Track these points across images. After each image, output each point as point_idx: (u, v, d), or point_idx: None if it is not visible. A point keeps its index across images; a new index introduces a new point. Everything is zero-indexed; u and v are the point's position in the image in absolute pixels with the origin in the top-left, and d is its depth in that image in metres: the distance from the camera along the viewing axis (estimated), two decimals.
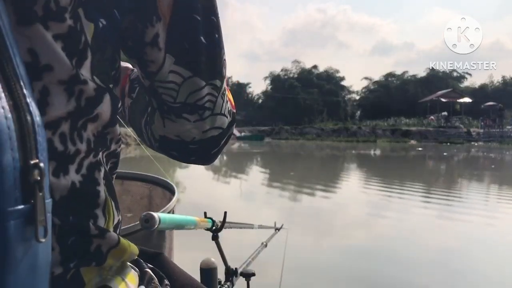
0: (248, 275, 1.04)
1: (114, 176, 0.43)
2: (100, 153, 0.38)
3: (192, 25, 0.43)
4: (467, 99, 30.50)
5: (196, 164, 0.55)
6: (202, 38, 0.44)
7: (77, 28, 0.33)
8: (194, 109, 0.47)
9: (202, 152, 0.52)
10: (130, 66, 0.61)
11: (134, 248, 0.41)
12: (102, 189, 0.37)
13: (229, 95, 0.52)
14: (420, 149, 19.38)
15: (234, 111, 0.54)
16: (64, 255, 0.33)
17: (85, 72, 0.35)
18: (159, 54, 0.43)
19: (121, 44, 0.43)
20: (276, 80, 43.22)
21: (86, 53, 0.35)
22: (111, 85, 0.39)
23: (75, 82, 0.33)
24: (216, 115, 0.49)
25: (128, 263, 0.43)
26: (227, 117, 0.51)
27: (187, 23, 0.42)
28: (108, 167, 0.40)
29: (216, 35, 0.45)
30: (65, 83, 0.33)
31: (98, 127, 0.37)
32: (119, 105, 0.41)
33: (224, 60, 0.48)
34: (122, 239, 0.38)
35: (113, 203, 0.39)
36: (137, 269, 0.44)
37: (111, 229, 0.38)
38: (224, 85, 0.49)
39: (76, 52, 0.34)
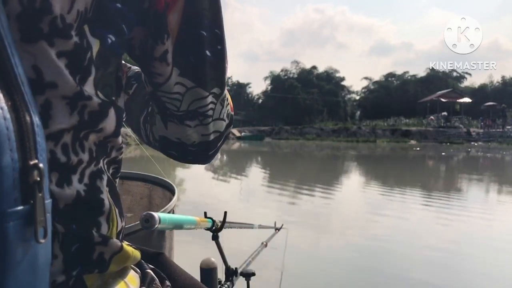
0: (248, 275, 1.04)
1: (117, 180, 0.42)
2: (101, 161, 0.38)
3: (199, 41, 0.44)
4: (467, 99, 30.44)
5: (193, 163, 0.57)
6: (207, 52, 0.45)
7: (83, 45, 0.33)
8: (195, 115, 0.48)
9: (200, 153, 0.53)
10: (127, 64, 0.61)
11: (137, 254, 0.40)
12: (105, 197, 0.37)
13: (228, 98, 0.53)
14: (418, 149, 19.38)
15: (233, 113, 0.55)
16: (67, 263, 0.33)
17: (89, 88, 0.34)
18: (167, 68, 0.44)
19: (127, 52, 0.44)
20: (276, 80, 43.18)
21: (90, 69, 0.34)
22: (114, 98, 0.39)
23: (79, 98, 0.33)
24: (215, 120, 0.50)
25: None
26: (225, 121, 0.52)
27: (194, 39, 0.43)
28: (110, 173, 0.40)
29: (219, 47, 0.46)
30: (69, 98, 0.33)
31: (100, 137, 0.37)
32: (123, 116, 0.41)
33: (226, 67, 0.49)
34: (125, 245, 0.38)
35: (117, 210, 0.39)
36: (138, 270, 0.44)
37: (114, 236, 0.38)
38: (225, 91, 0.50)
39: (80, 69, 0.33)
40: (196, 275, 0.62)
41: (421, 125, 28.93)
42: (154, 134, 0.53)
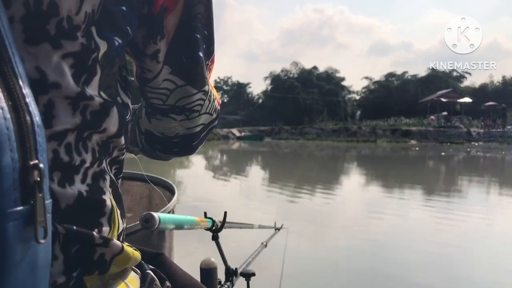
0: (248, 275, 1.04)
1: (119, 181, 0.43)
2: (104, 162, 0.38)
3: (193, 43, 0.46)
4: (467, 99, 30.38)
5: (178, 155, 0.59)
6: (200, 53, 0.47)
7: (91, 46, 0.34)
8: (182, 110, 0.50)
9: (184, 144, 0.55)
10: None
11: (137, 255, 0.40)
12: (108, 197, 0.37)
13: (215, 93, 0.55)
14: (417, 149, 19.39)
15: (219, 108, 0.57)
16: (68, 264, 0.33)
17: (92, 88, 0.35)
18: (157, 66, 0.46)
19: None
20: (276, 80, 43.12)
21: (96, 69, 0.35)
22: (118, 98, 0.39)
23: (81, 98, 0.33)
24: (201, 115, 0.52)
25: None
26: (211, 115, 0.55)
27: (188, 41, 0.45)
28: (112, 173, 0.40)
29: (211, 48, 0.49)
30: (71, 98, 0.33)
31: (103, 137, 0.37)
32: (128, 116, 0.42)
33: (213, 57, 0.50)
34: (126, 246, 0.38)
35: (118, 211, 0.39)
36: (138, 271, 0.44)
37: (115, 238, 0.38)
38: (210, 87, 0.52)
39: (85, 70, 0.34)
40: (196, 275, 0.62)
41: (421, 125, 28.89)
42: (141, 127, 0.55)
